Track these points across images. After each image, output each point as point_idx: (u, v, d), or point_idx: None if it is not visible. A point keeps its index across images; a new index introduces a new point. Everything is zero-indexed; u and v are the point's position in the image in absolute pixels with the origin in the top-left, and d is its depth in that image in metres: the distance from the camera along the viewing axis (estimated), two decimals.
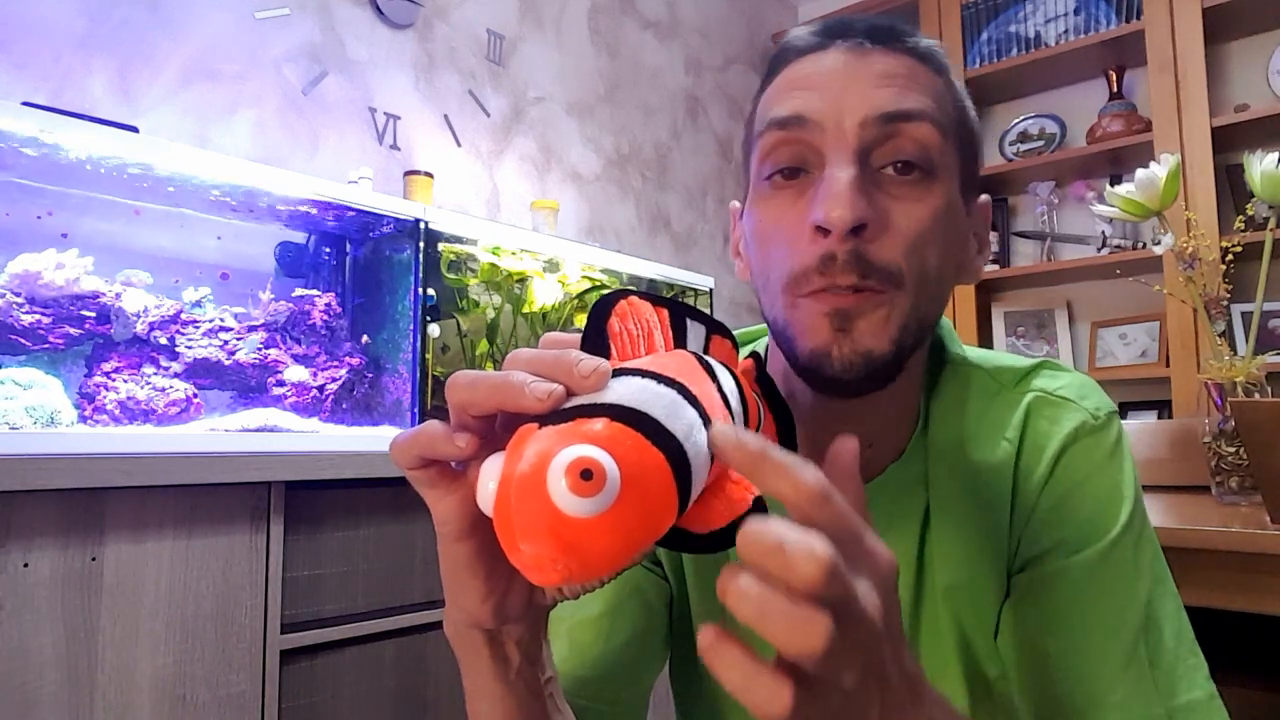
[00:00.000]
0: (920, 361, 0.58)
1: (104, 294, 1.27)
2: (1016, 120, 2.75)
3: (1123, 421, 0.59)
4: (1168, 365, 2.31)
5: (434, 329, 1.57)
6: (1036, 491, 0.55)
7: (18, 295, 1.19)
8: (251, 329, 1.45)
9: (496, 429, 0.36)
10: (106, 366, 1.27)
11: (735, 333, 0.69)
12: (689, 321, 0.42)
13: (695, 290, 2.21)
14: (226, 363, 1.39)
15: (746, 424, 0.41)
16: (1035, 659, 0.52)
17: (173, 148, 1.34)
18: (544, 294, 1.77)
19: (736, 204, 0.60)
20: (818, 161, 0.50)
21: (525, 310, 1.76)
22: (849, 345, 0.49)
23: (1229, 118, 2.24)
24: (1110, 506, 0.54)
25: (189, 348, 1.35)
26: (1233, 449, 1.14)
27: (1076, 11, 2.57)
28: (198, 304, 1.41)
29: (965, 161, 0.54)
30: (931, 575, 0.58)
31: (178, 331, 1.36)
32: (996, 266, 2.70)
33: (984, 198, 0.57)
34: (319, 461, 1.21)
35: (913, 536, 0.58)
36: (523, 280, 1.75)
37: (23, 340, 1.19)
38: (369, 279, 1.68)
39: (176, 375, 1.33)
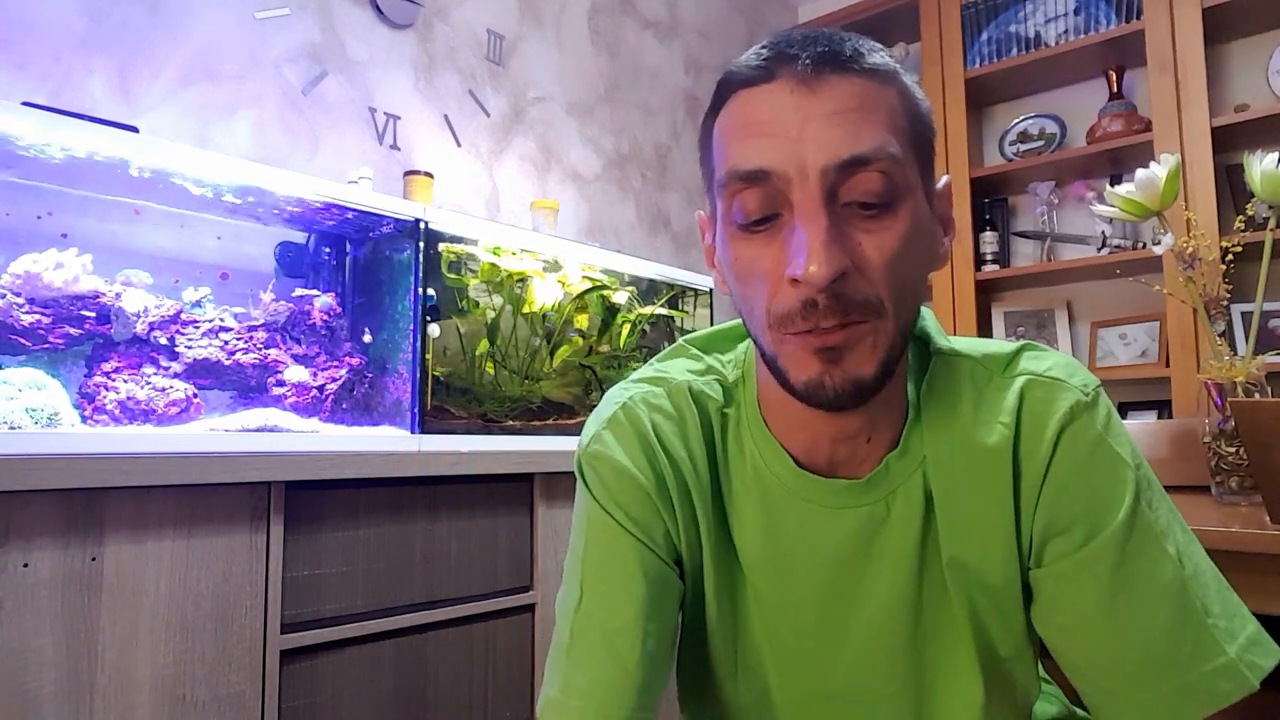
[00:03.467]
0: (905, 355, 0.60)
1: (104, 294, 1.27)
2: (1016, 120, 2.75)
3: (1123, 421, 0.60)
4: (1168, 365, 2.31)
5: (434, 329, 1.57)
6: (1041, 471, 0.57)
7: (18, 295, 1.19)
8: (253, 328, 1.45)
9: None
10: (106, 366, 1.27)
11: (696, 336, 0.71)
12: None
13: (695, 290, 2.21)
14: (226, 363, 1.39)
15: None
16: (1091, 635, 0.54)
17: (173, 148, 1.34)
18: (544, 294, 1.76)
19: (703, 213, 0.62)
20: (785, 204, 0.52)
21: (525, 310, 1.76)
22: (840, 375, 0.52)
23: (1229, 118, 2.24)
24: (1118, 477, 0.56)
25: (189, 348, 1.35)
26: (1233, 449, 1.14)
27: (1076, 11, 2.57)
28: (198, 304, 1.41)
29: (923, 159, 0.56)
30: (935, 556, 0.59)
31: (178, 331, 1.35)
32: (996, 266, 2.70)
33: (944, 179, 0.59)
34: (319, 461, 1.21)
35: (916, 523, 0.59)
36: (523, 280, 1.74)
37: (23, 340, 1.19)
38: (369, 279, 1.68)
39: (176, 375, 1.33)
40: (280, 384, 1.44)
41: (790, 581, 0.61)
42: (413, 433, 1.49)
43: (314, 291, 1.57)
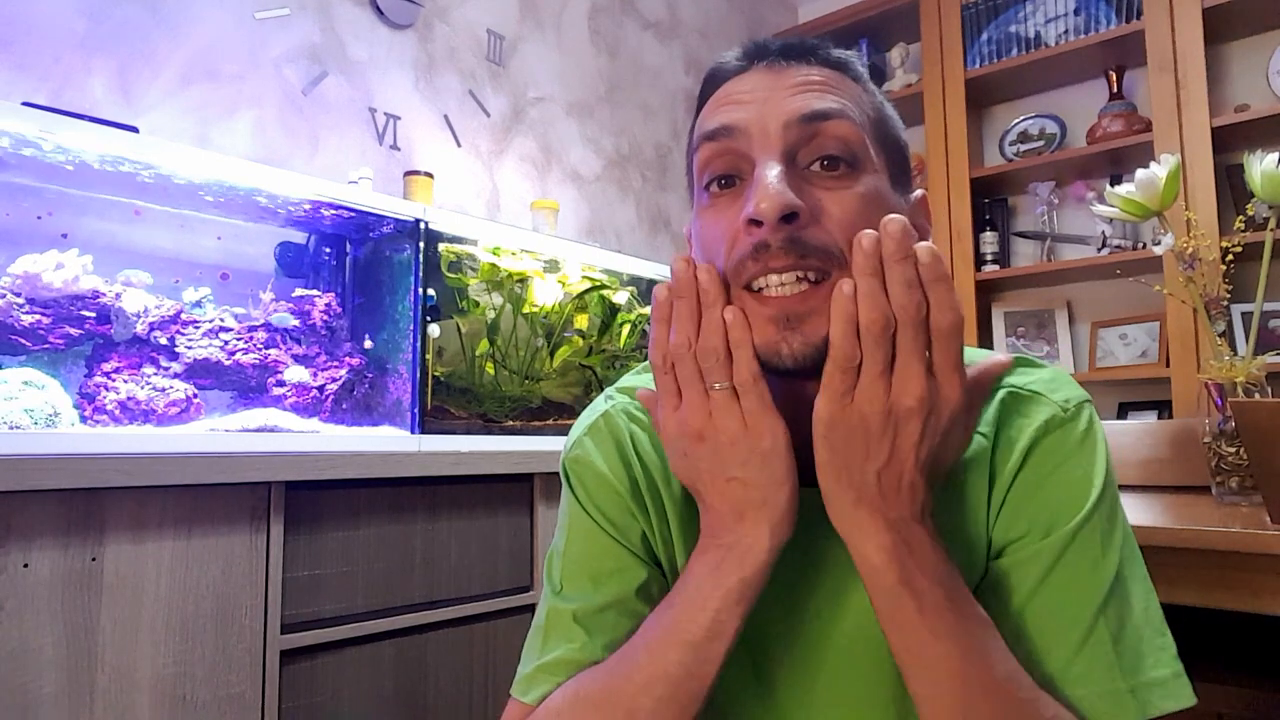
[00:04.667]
0: None
1: (104, 294, 1.27)
2: (1016, 120, 2.75)
3: (1123, 422, 0.60)
4: (1168, 365, 2.31)
5: (434, 329, 1.57)
6: (1008, 483, 0.57)
7: (18, 295, 1.19)
8: (253, 329, 1.45)
9: None
10: (106, 366, 1.27)
11: None
12: None
13: None
14: (226, 363, 1.39)
15: None
16: (1007, 640, 0.53)
17: (173, 148, 1.34)
18: (544, 294, 1.76)
19: (688, 227, 0.62)
20: (750, 168, 0.54)
21: (525, 310, 1.76)
22: (798, 340, 0.51)
23: (1229, 118, 2.24)
24: (1079, 491, 0.55)
25: (189, 348, 1.35)
26: (1233, 449, 1.14)
27: (1076, 11, 2.57)
28: (198, 304, 1.41)
29: (891, 160, 0.57)
30: None
31: (178, 332, 1.36)
32: (996, 267, 2.70)
33: (918, 193, 0.60)
34: (319, 461, 1.21)
35: None
36: (523, 280, 1.74)
37: (23, 340, 1.19)
38: (369, 279, 1.68)
39: (176, 375, 1.33)
40: (280, 384, 1.44)
41: (773, 588, 0.62)
42: (413, 433, 1.49)
43: (314, 291, 1.57)
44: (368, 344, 1.61)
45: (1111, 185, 1.28)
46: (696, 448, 0.52)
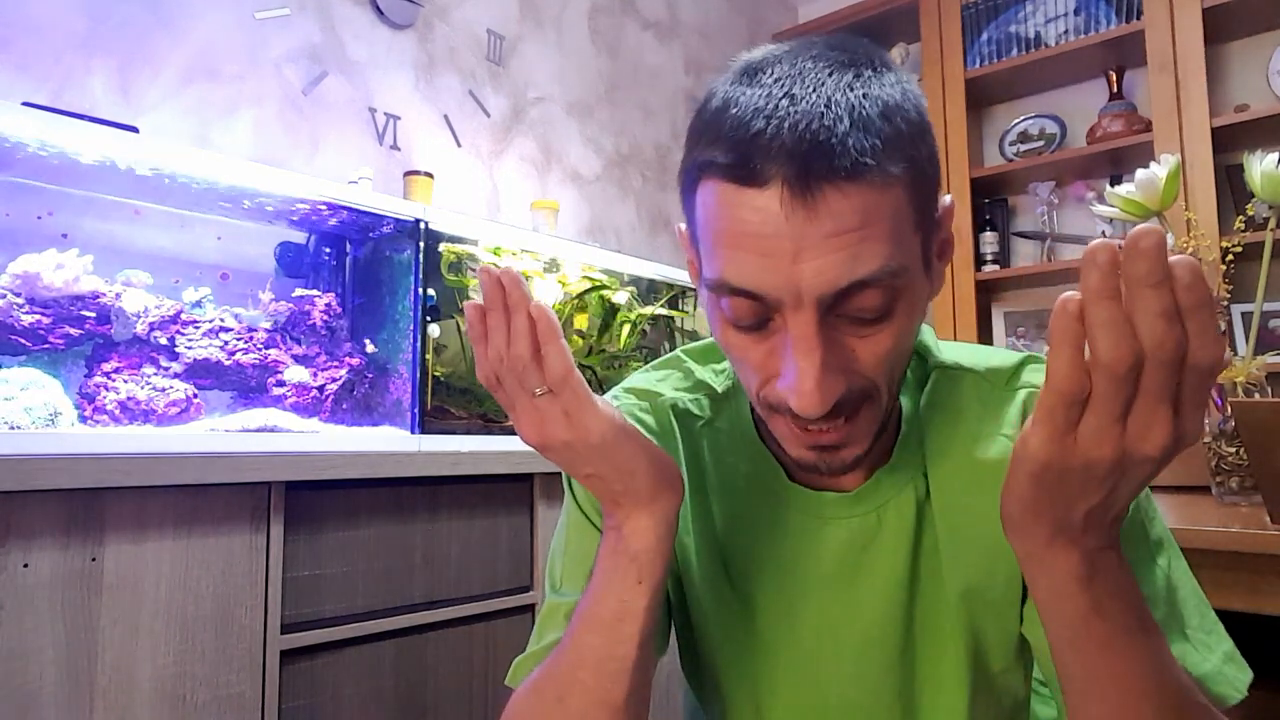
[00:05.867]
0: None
1: (104, 294, 1.27)
2: (1016, 120, 2.75)
3: None
4: None
5: (434, 329, 1.57)
6: None
7: (18, 295, 1.19)
8: (252, 329, 1.45)
9: None
10: (106, 367, 1.27)
11: (692, 347, 0.70)
12: None
13: (695, 290, 2.21)
14: (226, 363, 1.39)
15: None
16: None
17: (173, 148, 1.34)
18: (544, 294, 1.76)
19: (683, 227, 0.58)
20: (778, 314, 0.49)
21: None
22: (837, 460, 0.53)
23: (1229, 118, 2.24)
24: None
25: (189, 348, 1.35)
26: (1233, 449, 1.14)
27: (1076, 12, 2.57)
28: (198, 304, 1.41)
29: (927, 224, 0.51)
30: (930, 571, 0.59)
31: (178, 332, 1.35)
32: (997, 267, 2.70)
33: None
34: (319, 462, 1.21)
35: (908, 537, 0.59)
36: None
37: (23, 340, 1.19)
38: (369, 279, 1.68)
39: (176, 375, 1.33)
40: (280, 384, 1.44)
41: (782, 592, 0.62)
42: (413, 433, 1.49)
43: (314, 291, 1.57)
44: (371, 348, 1.61)
45: (1111, 185, 1.28)
46: (546, 455, 0.51)
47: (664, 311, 2.10)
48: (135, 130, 1.31)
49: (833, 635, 0.60)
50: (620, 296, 1.90)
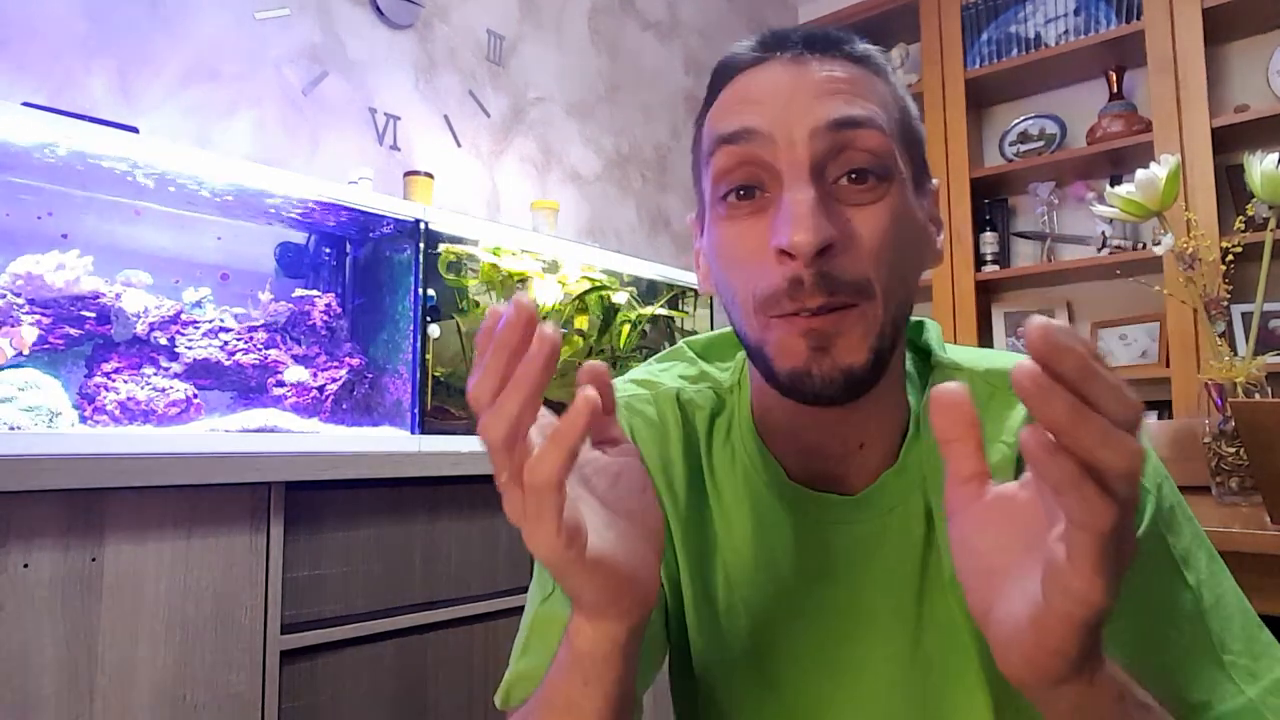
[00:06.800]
0: (901, 359, 0.58)
1: (104, 294, 1.27)
2: (1016, 120, 2.75)
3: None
4: (1168, 366, 2.31)
5: (434, 329, 1.57)
6: None
7: (18, 296, 1.19)
8: (251, 330, 1.45)
9: None
10: (106, 367, 1.27)
11: (696, 339, 0.69)
12: None
13: (695, 290, 2.21)
14: (226, 363, 1.39)
15: None
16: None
17: (173, 148, 1.34)
18: (544, 294, 1.76)
19: (693, 216, 0.59)
20: (773, 179, 0.50)
21: None
22: (829, 363, 0.49)
23: (1229, 118, 2.24)
24: None
25: (189, 348, 1.35)
26: (1233, 449, 1.14)
27: (1076, 12, 2.57)
28: (198, 304, 1.41)
29: (914, 159, 0.54)
30: (939, 578, 0.57)
31: (178, 332, 1.35)
32: (996, 267, 2.70)
33: (934, 182, 0.58)
34: (319, 462, 1.21)
35: (916, 543, 0.57)
36: (523, 281, 1.74)
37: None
38: (369, 279, 1.68)
39: (176, 376, 1.33)
40: (280, 384, 1.44)
41: (784, 597, 0.58)
42: (413, 433, 1.49)
43: (314, 292, 1.57)
44: (371, 351, 1.61)
45: (1111, 185, 1.28)
46: None
47: (664, 311, 2.10)
48: (135, 130, 1.31)
49: (836, 644, 0.58)
50: (620, 297, 1.90)
